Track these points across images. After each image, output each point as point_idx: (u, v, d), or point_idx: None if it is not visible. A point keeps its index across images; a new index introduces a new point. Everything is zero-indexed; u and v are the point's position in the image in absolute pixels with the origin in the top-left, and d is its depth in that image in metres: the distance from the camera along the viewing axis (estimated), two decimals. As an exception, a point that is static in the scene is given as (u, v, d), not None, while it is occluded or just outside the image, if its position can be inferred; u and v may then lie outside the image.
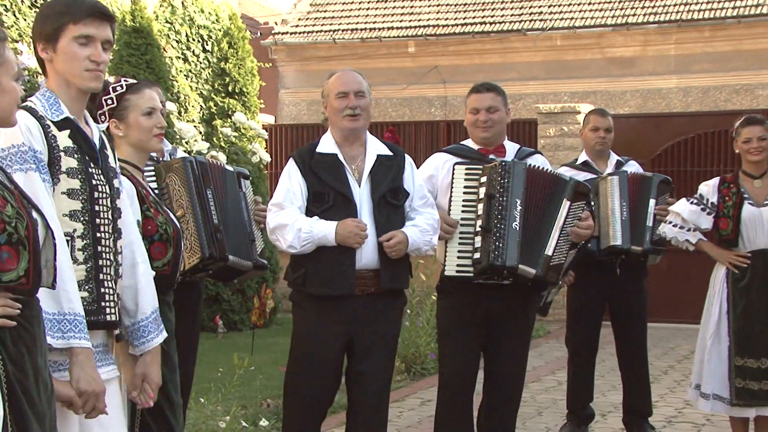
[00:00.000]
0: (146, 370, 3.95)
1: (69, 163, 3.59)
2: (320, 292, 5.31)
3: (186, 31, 15.87)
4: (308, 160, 5.40)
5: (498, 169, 5.68)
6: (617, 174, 7.37)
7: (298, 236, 5.24)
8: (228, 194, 5.81)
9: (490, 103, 6.00)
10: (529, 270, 5.62)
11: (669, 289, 13.89)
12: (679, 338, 13.07)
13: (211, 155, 11.02)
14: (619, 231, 7.20)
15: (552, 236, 5.68)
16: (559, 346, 11.26)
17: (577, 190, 5.81)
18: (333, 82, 5.50)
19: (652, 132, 14.77)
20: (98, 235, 3.64)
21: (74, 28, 3.63)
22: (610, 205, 7.25)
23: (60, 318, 3.36)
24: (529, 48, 20.00)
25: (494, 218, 5.62)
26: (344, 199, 5.33)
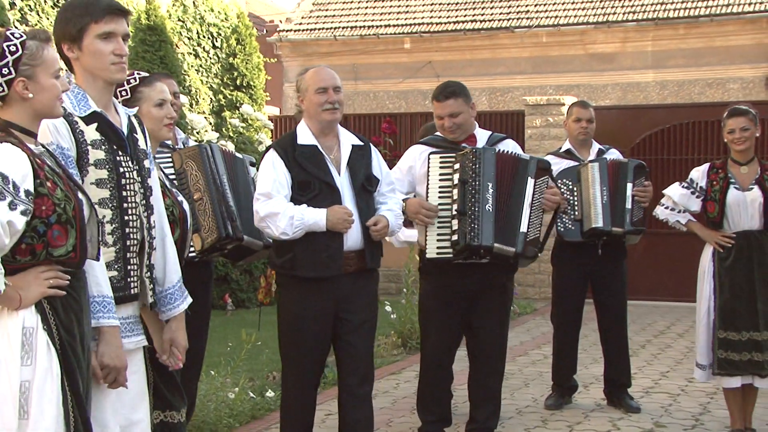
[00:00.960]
0: (173, 335, 4.02)
1: (96, 155, 3.67)
2: (311, 274, 5.30)
3: (197, 28, 15.83)
4: (291, 152, 5.36)
5: (470, 155, 5.76)
6: (597, 161, 7.38)
7: (291, 223, 5.21)
8: (239, 179, 5.83)
9: (451, 110, 6.02)
10: (507, 249, 5.70)
11: (647, 269, 13.89)
12: (656, 315, 13.06)
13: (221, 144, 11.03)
14: (600, 214, 7.21)
15: (524, 213, 5.76)
16: (545, 322, 11.26)
17: (539, 166, 5.89)
18: (311, 78, 5.45)
19: (631, 123, 14.73)
20: (126, 218, 3.74)
21: (96, 27, 3.70)
22: (591, 190, 7.26)
23: (91, 300, 3.49)
24: (516, 44, 19.96)
25: (468, 202, 5.70)
26: (329, 188, 5.32)
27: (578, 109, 7.66)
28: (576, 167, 7.39)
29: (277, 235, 5.25)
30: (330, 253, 5.28)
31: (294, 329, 5.38)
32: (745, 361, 6.40)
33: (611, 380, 7.61)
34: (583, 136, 7.59)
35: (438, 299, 6.04)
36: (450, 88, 6.09)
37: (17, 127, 3.31)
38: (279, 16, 26.42)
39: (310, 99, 5.40)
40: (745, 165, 6.55)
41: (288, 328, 5.42)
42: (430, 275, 6.06)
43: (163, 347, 4.03)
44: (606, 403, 7.63)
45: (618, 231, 7.25)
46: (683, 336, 11.20)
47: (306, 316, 5.34)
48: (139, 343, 3.84)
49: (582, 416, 7.32)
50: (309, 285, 5.32)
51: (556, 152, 7.75)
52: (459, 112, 6.02)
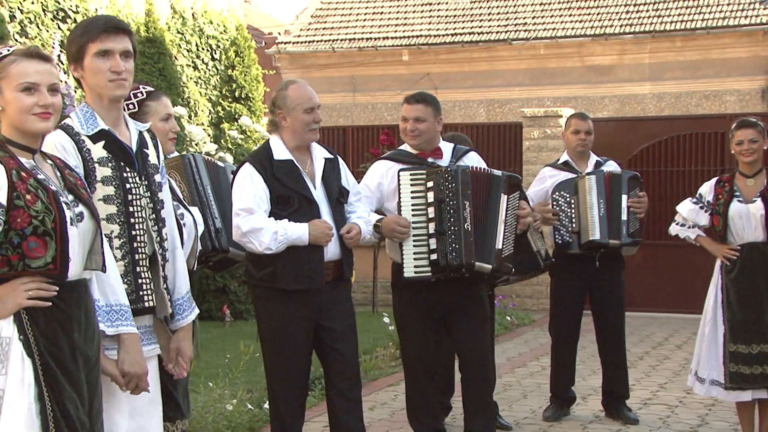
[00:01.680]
0: (180, 345, 4.07)
1: (103, 173, 3.77)
2: (294, 287, 5.35)
3: (196, 40, 15.83)
4: (269, 167, 5.39)
5: (444, 174, 5.78)
6: (594, 173, 7.38)
7: (274, 238, 5.26)
8: (223, 188, 5.79)
9: (417, 114, 6.06)
10: (484, 266, 5.76)
11: (644, 280, 13.87)
12: (653, 326, 13.04)
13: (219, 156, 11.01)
14: (597, 226, 7.21)
15: (499, 230, 5.81)
16: (543, 333, 11.24)
17: (511, 182, 5.92)
18: (298, 96, 5.47)
19: (628, 134, 14.73)
20: (133, 233, 3.82)
21: (93, 46, 3.80)
22: (588, 202, 7.26)
23: (108, 309, 3.59)
24: (514, 56, 19.97)
25: (447, 222, 5.74)
26: (307, 202, 5.40)
27: (577, 121, 7.65)
28: (574, 179, 7.39)
29: (260, 250, 5.29)
30: (312, 265, 5.36)
31: (278, 340, 5.43)
32: (757, 375, 6.37)
33: (609, 392, 7.59)
34: (581, 148, 7.58)
35: (412, 309, 6.06)
36: (423, 95, 6.20)
37: (14, 143, 3.38)
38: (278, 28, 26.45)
39: (298, 117, 5.43)
40: (752, 177, 6.54)
41: (272, 339, 5.47)
42: (403, 288, 6.06)
43: (170, 356, 4.07)
44: (604, 414, 7.61)
45: (615, 243, 7.25)
46: (681, 347, 11.19)
47: (289, 327, 5.39)
48: (152, 351, 3.92)
49: (580, 428, 7.30)
50: (290, 296, 5.38)
51: (554, 164, 7.75)
52: (424, 119, 6.06)
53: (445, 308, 5.98)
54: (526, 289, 14.35)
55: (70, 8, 12.91)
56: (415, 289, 5.95)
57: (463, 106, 20.13)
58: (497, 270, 5.78)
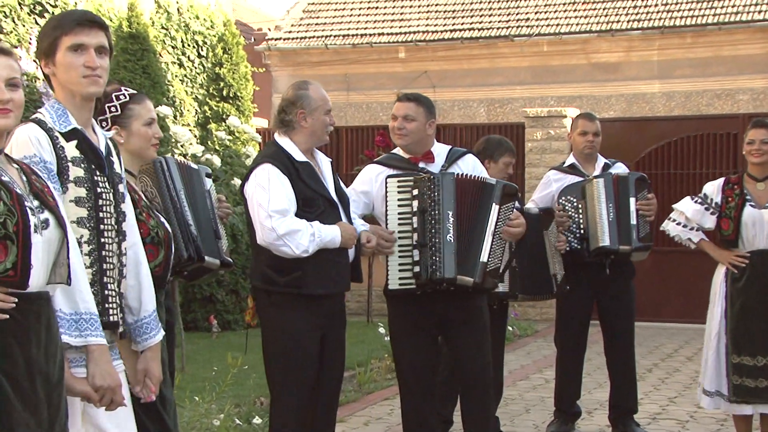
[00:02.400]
0: (147, 366, 4.01)
1: (76, 173, 3.72)
2: (320, 291, 5.45)
3: (181, 36, 15.82)
4: (292, 168, 5.47)
5: (427, 182, 5.78)
6: (603, 176, 7.36)
7: (312, 241, 5.35)
8: (197, 193, 5.76)
9: (406, 112, 6.06)
10: (467, 279, 5.74)
11: (653, 289, 13.87)
12: (663, 337, 13.04)
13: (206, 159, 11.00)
14: (606, 232, 7.19)
15: (485, 242, 5.77)
16: (547, 344, 11.23)
17: (505, 192, 5.86)
18: (320, 96, 5.62)
19: (636, 135, 14.75)
20: (102, 240, 3.76)
21: (66, 39, 3.75)
22: (597, 207, 7.24)
23: (77, 318, 3.48)
24: (516, 53, 19.96)
25: (428, 232, 5.74)
26: (330, 204, 5.53)
27: (584, 122, 7.63)
28: (581, 183, 7.38)
29: (297, 253, 5.35)
30: (339, 269, 5.51)
31: (296, 349, 5.44)
32: (762, 388, 6.35)
33: (617, 406, 7.58)
34: (589, 150, 7.57)
35: (405, 320, 6.04)
36: (416, 94, 6.23)
37: None
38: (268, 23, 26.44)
39: (319, 118, 5.57)
40: (761, 181, 6.52)
41: (288, 348, 5.46)
42: (395, 299, 6.06)
43: (137, 378, 4.00)
44: (611, 430, 7.60)
45: (626, 249, 7.24)
46: (692, 359, 11.18)
47: (307, 335, 5.46)
48: (118, 368, 3.81)
49: (587, 444, 7.29)
50: (311, 303, 5.45)
51: (559, 167, 7.74)
52: (414, 119, 6.04)
53: (439, 319, 5.96)
54: (528, 298, 14.36)
55: (48, 2, 12.90)
56: (406, 300, 5.94)
57: (462, 105, 20.12)
58: (480, 285, 5.75)
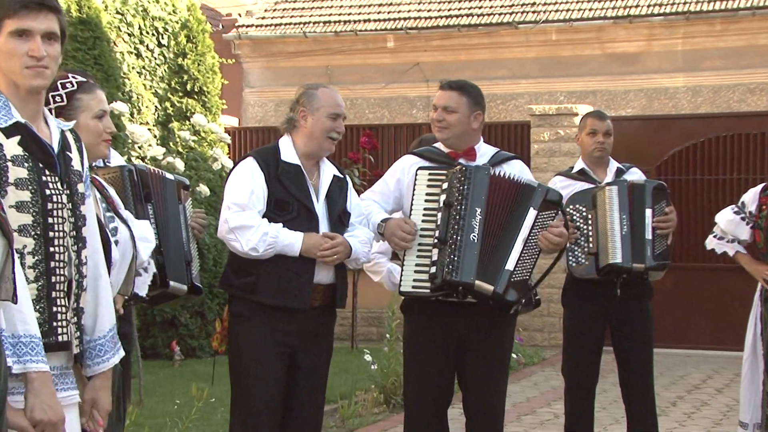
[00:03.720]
0: (96, 395, 3.95)
1: (18, 174, 3.63)
2: (273, 302, 5.61)
3: (139, 23, 15.83)
4: (273, 166, 5.70)
5: (458, 174, 5.83)
6: (616, 183, 7.37)
7: (263, 239, 5.54)
8: (168, 209, 5.80)
9: (447, 102, 6.12)
10: (486, 287, 5.72)
11: (676, 311, 13.89)
12: (688, 366, 13.06)
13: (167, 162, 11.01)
14: (618, 247, 7.19)
15: (514, 248, 5.78)
16: (555, 374, 11.25)
17: (547, 198, 5.89)
18: (328, 98, 5.82)
19: (657, 136, 14.79)
20: (51, 249, 3.67)
21: (10, 23, 3.66)
22: (608, 218, 7.24)
23: (15, 341, 3.41)
24: (521, 43, 20.02)
25: (451, 228, 5.76)
26: (307, 212, 5.71)
27: (593, 121, 7.67)
28: (591, 190, 7.39)
29: (245, 250, 5.56)
30: (299, 283, 5.64)
31: (256, 365, 5.61)
32: None
33: (635, 444, 7.60)
34: (599, 152, 7.60)
35: (421, 340, 6.07)
36: (460, 82, 6.25)
37: None
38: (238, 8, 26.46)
39: (320, 120, 5.78)
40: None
41: (246, 363, 5.66)
42: (412, 313, 6.13)
43: (84, 408, 3.93)
44: (628, 471, 7.62)
45: (639, 267, 7.25)
46: (723, 391, 11.20)
47: (269, 350, 5.61)
48: (71, 398, 3.78)
49: (599, 487, 7.31)
50: (270, 315, 5.62)
51: (566, 172, 7.76)
52: (455, 110, 6.09)
53: (458, 341, 5.99)
54: (534, 321, 14.40)
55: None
56: (423, 311, 6.00)
57: (460, 101, 20.18)
58: (501, 296, 5.73)
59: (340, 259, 5.73)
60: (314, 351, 5.73)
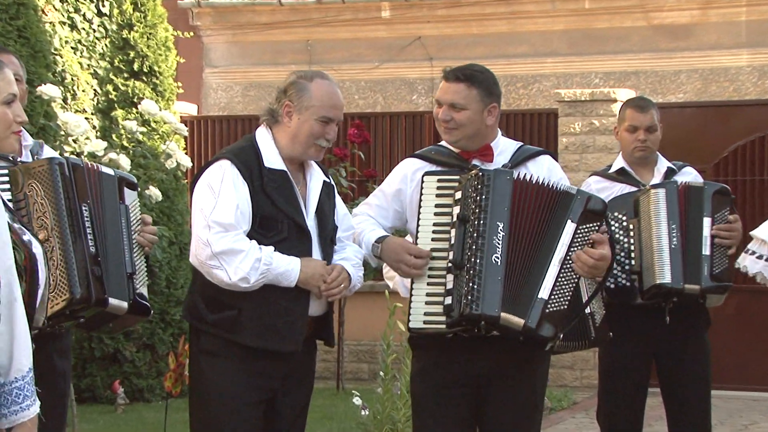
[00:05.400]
0: None
1: None
2: (259, 344, 5.59)
3: (74, -13, 15.82)
4: (257, 175, 5.65)
5: (473, 181, 5.77)
6: (664, 186, 7.34)
7: (255, 267, 5.51)
8: (107, 210, 5.79)
9: (454, 98, 6.05)
10: (515, 320, 5.66)
11: (739, 344, 13.88)
12: (754, 412, 13.06)
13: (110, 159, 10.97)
14: (667, 264, 7.19)
15: (548, 272, 5.73)
16: (589, 421, 11.26)
17: (588, 207, 5.84)
18: (322, 94, 5.76)
19: (715, 127, 14.79)
20: None
21: None
22: (655, 228, 7.23)
23: None
24: (546, 12, 20.02)
25: (468, 249, 5.69)
26: (299, 231, 5.70)
27: (632, 113, 7.62)
28: (633, 194, 7.38)
29: (233, 281, 5.52)
30: (291, 319, 5.63)
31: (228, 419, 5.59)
32: None
33: (688, 508, 7.61)
34: (640, 152, 7.57)
35: (432, 383, 6.04)
36: (468, 71, 6.17)
37: None
38: (197, -31, 26.48)
39: (307, 123, 5.73)
40: None
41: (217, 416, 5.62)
42: (421, 349, 6.09)
43: None
44: None
45: (693, 289, 7.24)
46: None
47: (246, 398, 5.60)
48: None
49: None
50: (250, 356, 5.60)
51: (604, 172, 7.75)
52: (465, 107, 6.04)
53: (478, 387, 5.97)
54: (564, 356, 14.38)
55: None
56: (434, 349, 5.96)
57: (471, 84, 20.17)
58: (533, 331, 5.67)
59: (342, 292, 5.76)
60: (294, 393, 5.75)
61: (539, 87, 19.71)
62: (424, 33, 20.37)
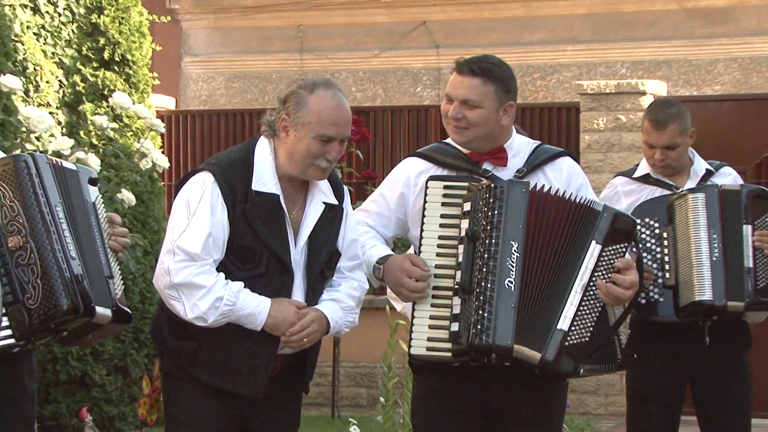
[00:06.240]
0: None
1: None
2: (216, 384, 5.67)
3: (37, -35, 15.83)
4: (241, 197, 5.62)
5: (484, 193, 5.74)
6: (704, 190, 7.31)
7: (215, 306, 5.51)
8: (76, 210, 5.77)
9: (467, 93, 6.03)
10: (531, 354, 5.66)
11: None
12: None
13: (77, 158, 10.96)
14: (708, 279, 7.15)
15: (568, 300, 5.73)
16: (616, 453, 11.26)
17: (615, 226, 5.81)
18: (322, 108, 5.71)
19: (757, 123, 14.77)
20: None
21: None
22: (693, 238, 7.20)
23: None
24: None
25: (477, 271, 5.68)
26: (280, 266, 5.68)
27: (649, 128, 7.51)
28: (667, 199, 7.34)
29: (189, 317, 5.55)
30: (254, 363, 5.65)
31: None
32: None
33: None
34: (661, 169, 7.51)
35: (436, 411, 6.04)
36: (485, 63, 6.13)
37: None
38: (175, -54, 26.51)
39: (303, 139, 5.70)
40: None
41: None
42: (424, 372, 6.09)
43: None
44: None
45: (737, 307, 7.21)
46: None
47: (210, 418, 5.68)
48: None
49: None
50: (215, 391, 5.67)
51: (631, 173, 7.71)
52: (478, 104, 6.02)
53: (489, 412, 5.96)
54: (585, 380, 14.35)
55: None
56: (441, 376, 5.95)
57: (482, 75, 20.17)
58: (551, 366, 5.68)
59: (311, 342, 5.75)
60: (278, 423, 5.78)
61: (558, 78, 19.71)
62: (430, 17, 20.38)
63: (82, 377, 12.52)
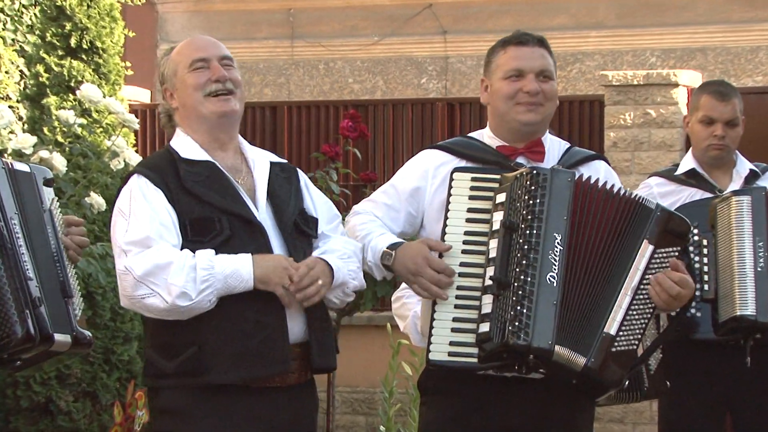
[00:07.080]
0: None
1: None
2: (234, 377, 5.51)
3: (-4, -58, 15.87)
4: (172, 174, 5.62)
5: (525, 180, 5.70)
6: (749, 193, 7.31)
7: (191, 278, 5.41)
8: (30, 220, 5.76)
9: (544, 64, 6.04)
10: (573, 358, 5.62)
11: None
12: None
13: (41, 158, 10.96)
14: (751, 292, 7.14)
15: (617, 302, 5.70)
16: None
17: (668, 226, 5.79)
18: (182, 47, 5.89)
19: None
20: None
21: None
22: (736, 246, 7.19)
23: None
24: (588, -26, 20.11)
25: (515, 264, 5.63)
26: (246, 225, 5.61)
27: (710, 101, 7.57)
28: (707, 202, 7.34)
29: (170, 300, 5.43)
30: (266, 335, 5.52)
31: None
32: None
33: None
34: (716, 151, 7.54)
35: None
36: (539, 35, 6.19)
37: None
38: None
39: (184, 83, 5.74)
40: None
41: None
42: (436, 395, 6.04)
43: None
44: None
45: (783, 324, 7.21)
46: None
47: None
48: None
49: None
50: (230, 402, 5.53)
51: (668, 173, 7.73)
52: (552, 76, 6.07)
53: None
54: (613, 407, 14.36)
55: None
56: (456, 397, 5.92)
57: (494, 65, 20.22)
58: (594, 373, 5.64)
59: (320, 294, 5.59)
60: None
61: (581, 68, 19.77)
62: (437, 0, 20.43)
63: (46, 403, 12.54)
